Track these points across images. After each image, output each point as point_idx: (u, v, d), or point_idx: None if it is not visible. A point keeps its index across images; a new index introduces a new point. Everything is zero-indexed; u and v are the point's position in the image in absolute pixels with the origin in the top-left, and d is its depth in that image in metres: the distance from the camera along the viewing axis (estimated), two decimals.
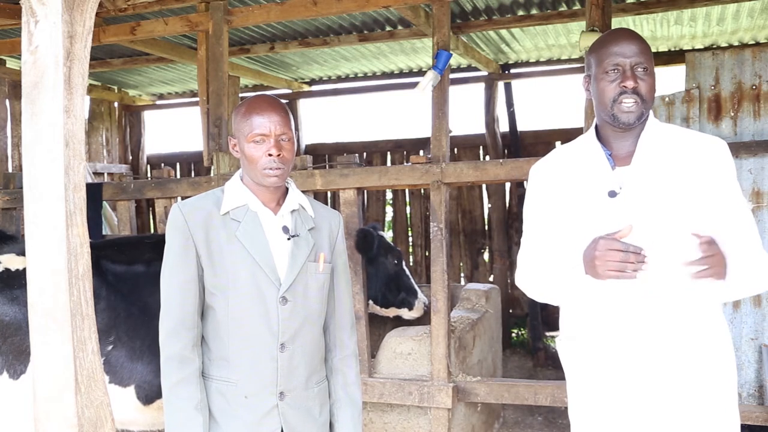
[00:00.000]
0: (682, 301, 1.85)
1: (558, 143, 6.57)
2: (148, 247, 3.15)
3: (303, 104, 8.15)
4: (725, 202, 1.88)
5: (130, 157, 8.51)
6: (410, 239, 7.87)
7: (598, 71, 1.91)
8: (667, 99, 3.81)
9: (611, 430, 1.93)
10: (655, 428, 1.88)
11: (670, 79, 7.47)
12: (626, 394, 1.90)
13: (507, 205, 7.32)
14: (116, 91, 8.05)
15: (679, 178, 1.87)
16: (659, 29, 5.79)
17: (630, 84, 1.85)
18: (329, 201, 7.74)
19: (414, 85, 4.16)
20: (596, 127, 2.01)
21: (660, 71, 6.93)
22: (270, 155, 1.91)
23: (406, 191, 7.81)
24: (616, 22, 4.81)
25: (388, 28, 5.61)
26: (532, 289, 2.06)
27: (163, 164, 8.63)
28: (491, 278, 7.35)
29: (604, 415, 1.94)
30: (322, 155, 7.29)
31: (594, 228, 1.87)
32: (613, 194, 1.89)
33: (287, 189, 2.04)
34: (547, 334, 6.66)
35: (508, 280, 7.21)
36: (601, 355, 1.93)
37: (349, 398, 2.10)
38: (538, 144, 7.11)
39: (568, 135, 6.58)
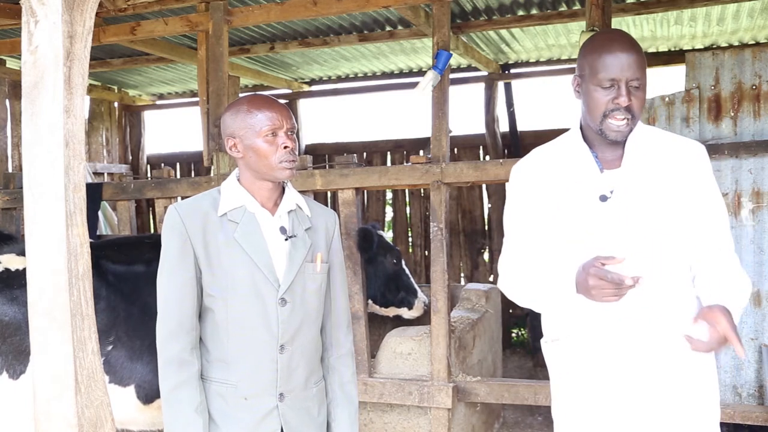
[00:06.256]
0: (667, 304, 1.85)
1: None
2: (148, 247, 3.15)
3: (303, 104, 8.14)
4: (705, 206, 1.88)
5: (130, 157, 8.50)
6: (410, 239, 7.86)
7: (591, 80, 1.85)
8: (667, 99, 3.80)
9: (594, 431, 1.93)
10: (638, 429, 1.88)
11: (670, 79, 7.45)
12: (610, 396, 1.89)
13: None
14: (116, 91, 8.05)
15: (666, 182, 1.87)
16: (659, 29, 5.79)
17: (624, 102, 1.81)
18: (329, 201, 7.74)
19: (414, 85, 4.15)
20: (581, 128, 1.98)
21: (660, 71, 6.95)
22: (286, 147, 1.92)
23: (406, 191, 7.80)
24: (616, 22, 4.81)
25: (388, 28, 5.61)
26: (517, 295, 2.01)
27: (163, 164, 8.62)
28: (491, 278, 7.35)
29: (587, 417, 1.93)
30: (322, 155, 7.28)
31: (586, 233, 1.85)
32: (604, 198, 1.87)
33: (284, 189, 2.04)
34: None
35: None
36: (584, 357, 1.92)
37: (345, 397, 2.10)
38: (538, 144, 7.04)
39: None
